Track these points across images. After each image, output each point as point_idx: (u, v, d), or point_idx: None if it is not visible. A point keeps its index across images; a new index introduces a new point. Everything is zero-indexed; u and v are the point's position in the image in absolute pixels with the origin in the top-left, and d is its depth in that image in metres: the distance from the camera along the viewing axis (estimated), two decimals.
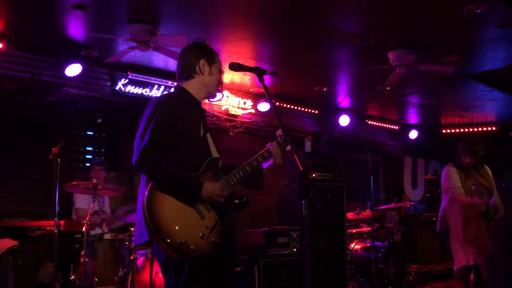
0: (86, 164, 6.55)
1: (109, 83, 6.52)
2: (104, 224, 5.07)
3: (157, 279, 4.89)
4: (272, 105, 2.79)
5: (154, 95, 6.68)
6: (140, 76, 6.59)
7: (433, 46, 5.96)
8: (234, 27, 5.43)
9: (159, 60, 6.31)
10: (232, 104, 7.64)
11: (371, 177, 6.52)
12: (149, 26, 5.19)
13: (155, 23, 5.22)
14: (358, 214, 7.32)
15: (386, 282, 6.67)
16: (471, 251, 4.64)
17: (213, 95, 3.01)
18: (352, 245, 7.09)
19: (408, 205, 8.20)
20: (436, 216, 5.70)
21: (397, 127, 10.24)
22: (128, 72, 6.48)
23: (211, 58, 2.91)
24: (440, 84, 7.45)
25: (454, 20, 5.29)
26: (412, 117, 10.04)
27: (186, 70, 2.89)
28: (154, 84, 6.72)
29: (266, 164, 2.99)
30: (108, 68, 6.40)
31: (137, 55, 5.92)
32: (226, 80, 7.12)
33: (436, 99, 8.56)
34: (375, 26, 5.46)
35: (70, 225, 5.09)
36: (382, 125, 9.96)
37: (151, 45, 5.33)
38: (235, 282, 5.62)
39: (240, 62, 2.88)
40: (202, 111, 2.99)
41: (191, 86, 2.89)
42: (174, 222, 2.53)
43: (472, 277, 4.80)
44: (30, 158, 5.92)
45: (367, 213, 7.29)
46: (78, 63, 5.90)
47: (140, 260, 5.06)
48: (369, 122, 9.72)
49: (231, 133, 7.68)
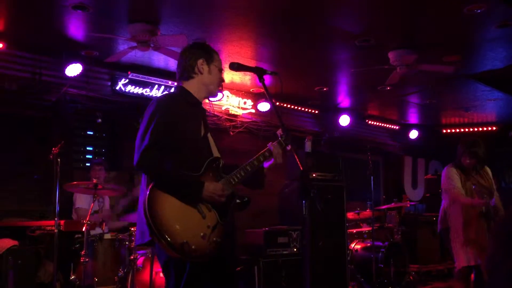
0: (86, 164, 6.55)
1: (109, 83, 6.52)
2: (104, 224, 5.07)
3: (157, 279, 4.89)
4: (272, 105, 2.79)
5: (154, 95, 6.68)
6: (140, 76, 6.59)
7: (433, 46, 5.96)
8: (234, 27, 5.42)
9: (159, 60, 6.31)
10: (232, 104, 7.64)
11: (371, 177, 6.51)
12: (149, 26, 5.19)
13: (155, 23, 5.22)
14: (358, 214, 7.32)
15: (386, 282, 6.67)
16: (471, 251, 4.64)
17: (214, 94, 3.01)
18: (352, 245, 7.09)
19: (408, 205, 8.21)
20: (436, 216, 5.70)
21: (397, 127, 10.24)
22: (128, 72, 6.48)
23: (210, 57, 2.91)
24: (440, 84, 7.44)
25: (454, 20, 5.29)
26: (412, 117, 10.03)
27: (185, 70, 2.90)
28: (154, 84, 6.72)
29: (267, 164, 3.00)
30: (108, 68, 6.40)
31: (137, 55, 5.92)
32: (226, 80, 7.11)
33: (436, 99, 8.56)
34: (375, 26, 5.46)
35: (70, 225, 5.08)
36: (382, 125, 9.95)
37: (151, 45, 5.33)
38: (236, 282, 5.61)
39: (240, 62, 2.88)
40: (203, 111, 2.99)
41: (191, 86, 2.89)
42: (175, 222, 2.52)
43: (472, 277, 4.80)
44: (30, 158, 5.92)
45: (367, 213, 7.28)
46: (78, 63, 5.90)
47: (140, 260, 5.06)
48: (369, 122, 9.72)
49: (231, 133, 7.68)
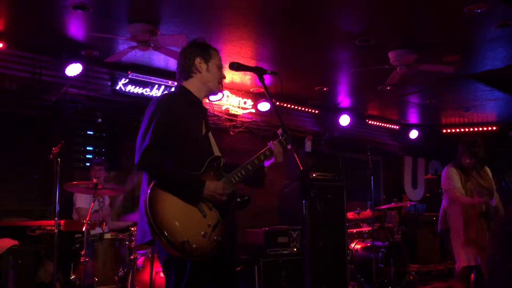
0: (87, 164, 6.55)
1: (109, 83, 6.52)
2: (104, 223, 5.07)
3: (157, 278, 4.89)
4: (273, 104, 2.78)
5: (154, 95, 6.68)
6: (141, 75, 6.59)
7: (433, 46, 5.96)
8: (234, 27, 5.43)
9: (159, 59, 6.31)
10: (232, 103, 7.63)
11: (372, 177, 6.51)
12: (149, 26, 5.20)
13: (155, 23, 5.22)
14: (358, 213, 7.32)
15: (386, 282, 6.67)
16: (472, 251, 4.64)
17: (215, 91, 3.01)
18: (353, 245, 7.09)
19: (408, 205, 8.22)
20: (436, 216, 5.70)
21: (397, 127, 10.24)
22: (129, 72, 6.48)
23: (207, 55, 2.91)
24: (440, 84, 7.44)
25: (454, 20, 5.29)
26: (413, 117, 10.03)
27: (184, 70, 2.91)
28: (155, 83, 6.72)
29: (267, 163, 3.01)
30: (109, 67, 6.40)
31: (137, 55, 5.92)
32: (226, 80, 7.07)
33: (436, 99, 8.55)
34: (375, 26, 5.46)
35: (70, 224, 5.08)
36: (383, 125, 9.95)
37: (151, 45, 5.33)
38: (237, 282, 5.61)
39: (240, 61, 2.87)
40: (204, 110, 2.99)
41: (191, 85, 2.90)
42: (176, 220, 2.53)
43: (472, 277, 4.80)
44: (30, 158, 5.92)
45: (367, 212, 7.28)
46: (79, 62, 5.90)
47: (140, 260, 5.06)
48: (370, 122, 9.72)
49: (231, 133, 7.68)
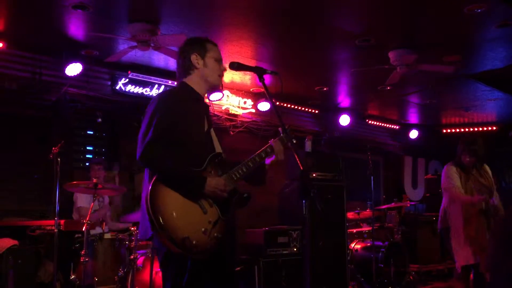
0: (86, 164, 6.55)
1: (109, 83, 6.52)
2: (104, 223, 5.07)
3: (157, 278, 4.88)
4: (273, 104, 2.79)
5: (154, 95, 6.68)
6: (141, 75, 6.59)
7: (433, 46, 5.96)
8: (235, 27, 5.43)
9: (160, 59, 6.31)
10: (232, 103, 7.63)
11: (372, 177, 6.51)
12: (150, 26, 5.20)
13: (156, 23, 5.22)
14: (358, 213, 7.31)
15: (386, 282, 6.67)
16: (471, 249, 4.64)
17: (216, 85, 3.00)
18: (353, 245, 7.09)
19: (408, 205, 8.22)
20: (436, 215, 5.69)
21: (397, 127, 10.23)
22: (129, 72, 6.47)
23: (203, 50, 2.90)
24: (440, 84, 7.44)
25: (454, 20, 5.29)
26: (413, 116, 10.03)
27: (183, 68, 2.91)
28: (155, 83, 6.72)
29: (268, 160, 3.02)
30: (109, 67, 6.40)
31: (137, 55, 5.92)
32: (226, 79, 7.12)
33: (436, 99, 8.55)
34: (375, 26, 5.46)
35: (70, 224, 5.08)
36: (383, 124, 9.95)
37: (152, 45, 5.33)
38: (237, 282, 5.61)
39: (240, 61, 2.87)
40: (206, 106, 2.99)
41: (192, 81, 2.90)
42: (177, 217, 2.53)
43: (471, 277, 4.80)
44: (30, 157, 5.92)
45: (367, 212, 7.28)
46: (79, 62, 5.90)
47: (140, 260, 5.06)
48: (370, 121, 9.71)
49: (231, 133, 7.67)
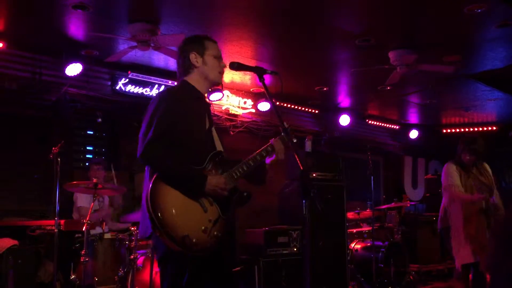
0: (86, 164, 6.55)
1: (109, 83, 6.52)
2: (104, 223, 5.07)
3: (157, 278, 4.85)
4: (273, 104, 2.78)
5: (154, 95, 6.68)
6: (141, 75, 6.59)
7: (433, 46, 5.96)
8: (235, 27, 5.43)
9: (160, 59, 6.31)
10: (232, 103, 7.63)
11: (372, 177, 6.51)
12: (150, 26, 5.20)
13: (156, 23, 5.22)
14: (358, 213, 7.31)
15: (386, 281, 6.67)
16: (471, 248, 4.64)
17: (217, 82, 3.00)
18: (353, 245, 7.09)
19: (408, 205, 8.21)
20: (436, 215, 5.69)
21: (397, 127, 10.23)
22: (129, 72, 6.47)
23: (201, 48, 2.90)
24: (440, 84, 7.44)
25: (454, 20, 5.29)
26: (413, 116, 10.03)
27: (183, 68, 2.92)
28: (155, 83, 6.72)
29: (268, 160, 3.02)
30: (109, 67, 6.40)
31: (137, 55, 5.92)
32: (226, 79, 7.12)
33: (436, 99, 8.55)
34: (375, 26, 5.46)
35: (70, 224, 5.08)
36: (383, 124, 9.95)
37: (152, 45, 5.33)
38: (236, 282, 5.61)
39: (240, 61, 2.86)
40: (207, 105, 3.00)
41: (192, 80, 2.91)
42: (177, 215, 2.53)
43: (471, 276, 4.80)
44: (30, 157, 5.92)
45: (367, 212, 7.28)
46: (79, 62, 5.90)
47: (140, 260, 5.06)
48: (370, 121, 9.71)
49: (231, 133, 7.67)
